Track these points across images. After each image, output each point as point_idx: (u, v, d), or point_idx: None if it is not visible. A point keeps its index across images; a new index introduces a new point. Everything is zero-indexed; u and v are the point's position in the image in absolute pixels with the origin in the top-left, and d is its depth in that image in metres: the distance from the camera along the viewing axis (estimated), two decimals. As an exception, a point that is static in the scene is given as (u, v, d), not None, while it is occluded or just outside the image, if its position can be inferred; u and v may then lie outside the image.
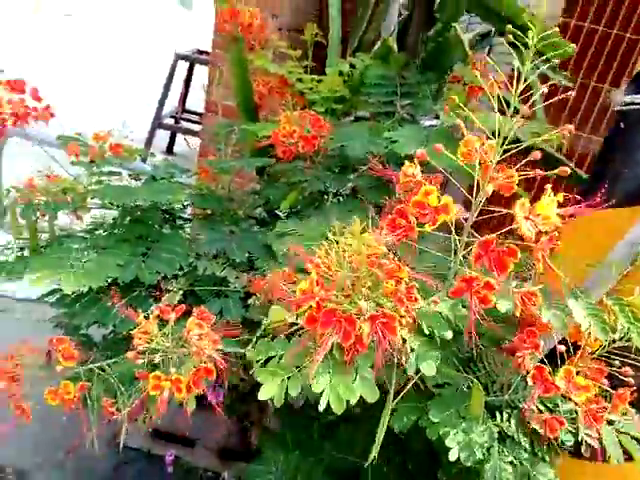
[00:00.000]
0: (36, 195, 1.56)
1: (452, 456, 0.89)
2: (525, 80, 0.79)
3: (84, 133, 1.70)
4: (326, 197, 1.82)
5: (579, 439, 0.92)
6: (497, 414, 0.98)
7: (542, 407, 0.97)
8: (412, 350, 0.83)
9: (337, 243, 0.80)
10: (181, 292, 1.47)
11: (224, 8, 1.89)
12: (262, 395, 0.72)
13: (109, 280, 1.27)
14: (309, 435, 1.45)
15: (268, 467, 1.35)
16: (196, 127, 5.17)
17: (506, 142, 0.85)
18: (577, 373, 0.92)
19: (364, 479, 1.27)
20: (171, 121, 5.45)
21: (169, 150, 5.64)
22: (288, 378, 0.74)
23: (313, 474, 1.31)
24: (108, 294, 1.37)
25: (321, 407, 0.73)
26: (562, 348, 0.88)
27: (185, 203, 1.81)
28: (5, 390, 0.88)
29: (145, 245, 1.48)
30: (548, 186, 0.83)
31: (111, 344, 1.39)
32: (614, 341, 0.88)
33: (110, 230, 1.54)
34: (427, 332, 0.85)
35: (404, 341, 0.84)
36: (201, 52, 5.21)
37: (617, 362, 0.91)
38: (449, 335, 0.86)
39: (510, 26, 0.92)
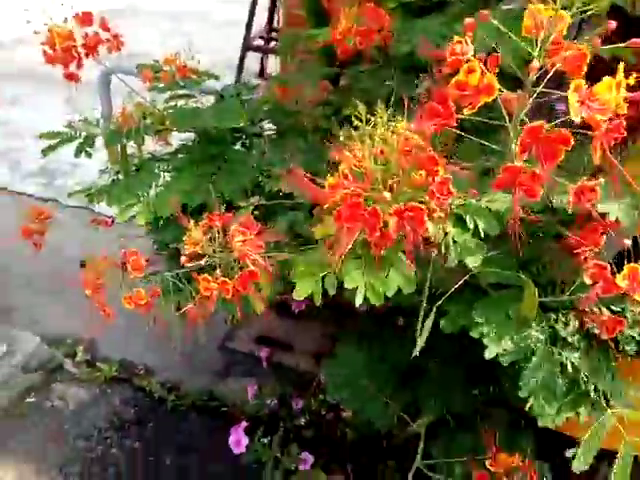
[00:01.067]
0: (124, 123, 1.69)
1: (489, 354, 0.88)
2: None
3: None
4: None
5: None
6: (552, 315, 0.94)
7: (605, 310, 0.90)
8: (455, 243, 0.81)
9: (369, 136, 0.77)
10: (251, 208, 1.55)
11: None
12: (297, 294, 0.76)
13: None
14: (381, 337, 1.52)
15: (341, 364, 1.45)
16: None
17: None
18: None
19: (428, 377, 1.32)
20: (261, 42, 5.39)
21: (261, 73, 5.64)
22: (323, 277, 0.77)
23: (379, 371, 1.38)
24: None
25: (357, 302, 0.75)
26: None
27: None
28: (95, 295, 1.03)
29: (216, 164, 1.56)
30: (620, 65, 0.71)
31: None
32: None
33: (186, 151, 1.63)
34: (470, 227, 0.81)
35: (446, 235, 0.81)
36: (286, -35, 4.95)
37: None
38: (495, 230, 0.82)
39: None
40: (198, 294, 0.95)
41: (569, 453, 0.89)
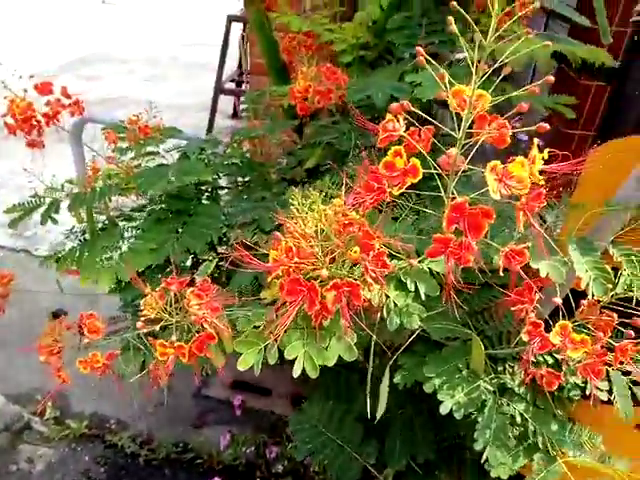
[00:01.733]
0: (89, 185, 1.72)
1: (443, 409, 0.91)
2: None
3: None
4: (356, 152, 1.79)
5: (587, 392, 0.88)
6: (500, 367, 0.97)
7: (549, 359, 0.94)
8: (395, 306, 0.84)
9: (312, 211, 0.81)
10: (215, 262, 1.58)
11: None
12: (241, 365, 0.78)
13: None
14: (348, 387, 1.53)
15: (307, 417, 1.45)
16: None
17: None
18: (583, 325, 0.87)
19: (392, 428, 1.33)
20: (232, 85, 5.53)
21: (234, 115, 5.76)
22: (265, 347, 0.79)
23: (346, 422, 1.38)
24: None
25: (295, 374, 0.77)
26: (558, 302, 0.84)
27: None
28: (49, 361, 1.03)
29: (181, 220, 1.59)
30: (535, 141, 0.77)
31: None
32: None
33: (151, 207, 1.66)
34: (412, 289, 0.85)
35: (387, 297, 0.85)
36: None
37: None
38: (436, 291, 0.86)
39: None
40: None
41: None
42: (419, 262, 0.91)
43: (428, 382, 0.96)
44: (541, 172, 0.77)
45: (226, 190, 1.91)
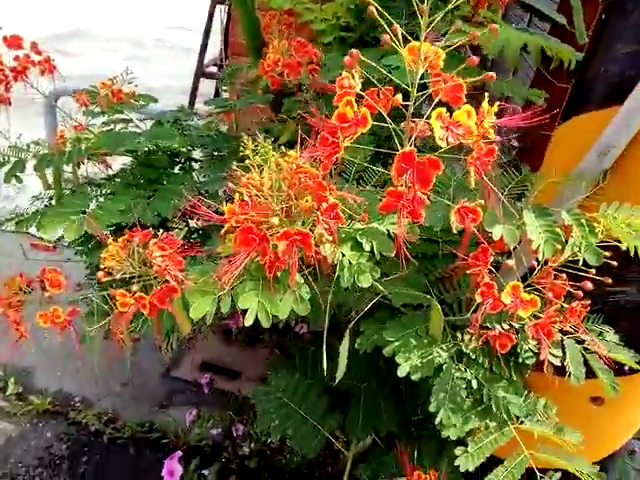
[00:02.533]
0: (57, 147, 1.68)
1: (401, 372, 0.91)
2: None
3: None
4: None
5: (540, 358, 0.89)
6: (459, 335, 0.98)
7: (504, 325, 0.95)
8: (350, 264, 0.84)
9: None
10: (186, 229, 1.56)
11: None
12: (193, 313, 0.77)
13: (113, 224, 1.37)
14: (314, 362, 1.53)
15: (272, 388, 1.44)
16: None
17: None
18: (537, 289, 0.88)
19: (355, 400, 1.33)
20: (215, 69, 5.46)
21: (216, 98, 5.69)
22: (219, 297, 0.78)
23: (310, 394, 1.38)
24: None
25: (247, 323, 0.76)
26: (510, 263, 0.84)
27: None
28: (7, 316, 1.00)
29: (152, 187, 1.56)
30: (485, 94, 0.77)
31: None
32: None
33: (122, 175, 1.63)
34: (367, 249, 0.85)
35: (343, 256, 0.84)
36: (239, -6, 5.08)
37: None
38: (391, 251, 0.85)
39: None
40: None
41: (458, 451, 0.92)
42: (379, 224, 0.91)
43: (387, 346, 0.96)
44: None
45: (200, 163, 1.89)
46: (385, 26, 0.80)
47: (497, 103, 0.75)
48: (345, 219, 0.83)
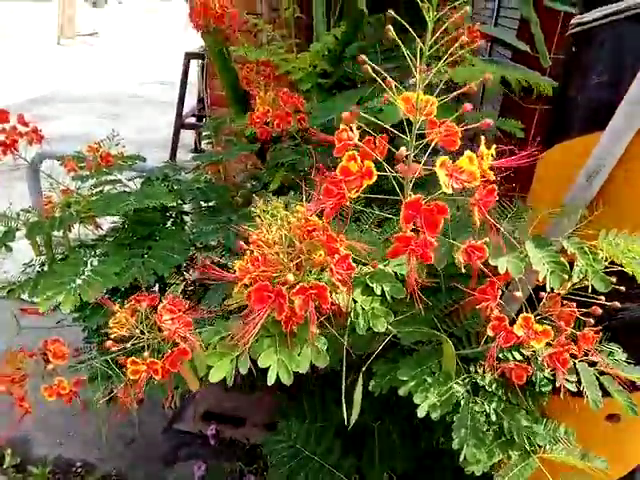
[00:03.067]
0: (47, 213, 1.67)
1: (420, 412, 0.91)
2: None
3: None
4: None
5: (557, 385, 0.91)
6: (472, 368, 0.99)
7: (517, 355, 0.96)
8: (363, 310, 0.85)
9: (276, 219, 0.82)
10: (184, 283, 1.55)
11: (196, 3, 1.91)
12: (213, 378, 0.77)
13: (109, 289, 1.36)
14: (323, 404, 1.51)
15: (283, 436, 1.42)
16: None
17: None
18: (546, 318, 0.90)
19: (370, 440, 1.31)
20: (193, 119, 5.55)
21: (196, 149, 5.76)
22: (237, 357, 0.78)
23: (324, 438, 1.36)
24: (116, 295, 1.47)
25: (270, 381, 0.76)
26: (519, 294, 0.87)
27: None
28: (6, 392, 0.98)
29: (146, 245, 1.56)
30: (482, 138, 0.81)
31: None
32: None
33: (114, 235, 1.63)
34: (378, 292, 0.86)
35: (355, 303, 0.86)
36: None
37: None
38: (401, 293, 0.87)
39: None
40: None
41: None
42: (384, 266, 0.93)
43: (402, 386, 0.97)
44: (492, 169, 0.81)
45: (191, 215, 1.90)
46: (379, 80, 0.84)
47: (494, 145, 0.78)
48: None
